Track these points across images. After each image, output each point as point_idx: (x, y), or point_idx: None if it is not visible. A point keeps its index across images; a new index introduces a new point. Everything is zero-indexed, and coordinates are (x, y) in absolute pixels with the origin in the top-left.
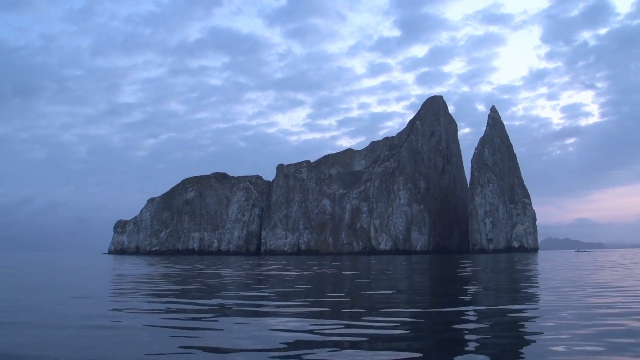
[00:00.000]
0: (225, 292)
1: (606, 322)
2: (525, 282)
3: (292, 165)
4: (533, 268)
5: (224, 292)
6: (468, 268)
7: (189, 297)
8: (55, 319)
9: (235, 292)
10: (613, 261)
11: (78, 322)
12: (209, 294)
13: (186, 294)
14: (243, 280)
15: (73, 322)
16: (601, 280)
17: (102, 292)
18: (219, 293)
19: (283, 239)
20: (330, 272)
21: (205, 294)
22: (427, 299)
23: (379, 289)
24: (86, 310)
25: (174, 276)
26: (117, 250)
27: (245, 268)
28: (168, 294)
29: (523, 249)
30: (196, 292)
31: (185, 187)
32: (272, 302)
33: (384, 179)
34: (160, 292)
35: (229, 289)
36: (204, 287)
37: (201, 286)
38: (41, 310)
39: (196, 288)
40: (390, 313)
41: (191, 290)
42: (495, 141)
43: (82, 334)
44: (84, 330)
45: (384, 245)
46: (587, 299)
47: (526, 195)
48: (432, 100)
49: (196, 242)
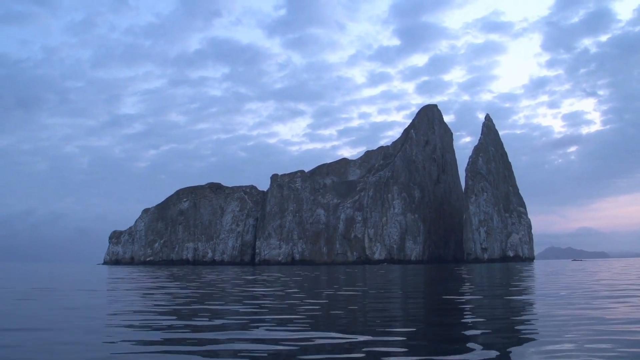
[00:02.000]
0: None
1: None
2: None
3: (287, 175)
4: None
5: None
6: (450, 282)
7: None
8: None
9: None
10: (594, 272)
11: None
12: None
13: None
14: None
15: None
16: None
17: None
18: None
19: (277, 249)
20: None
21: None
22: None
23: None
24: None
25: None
26: (112, 260)
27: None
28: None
29: (518, 258)
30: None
31: (180, 198)
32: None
33: (378, 188)
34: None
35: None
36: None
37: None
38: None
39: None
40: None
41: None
42: (489, 150)
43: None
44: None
45: (378, 255)
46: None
47: (521, 204)
48: (427, 109)
49: (190, 253)
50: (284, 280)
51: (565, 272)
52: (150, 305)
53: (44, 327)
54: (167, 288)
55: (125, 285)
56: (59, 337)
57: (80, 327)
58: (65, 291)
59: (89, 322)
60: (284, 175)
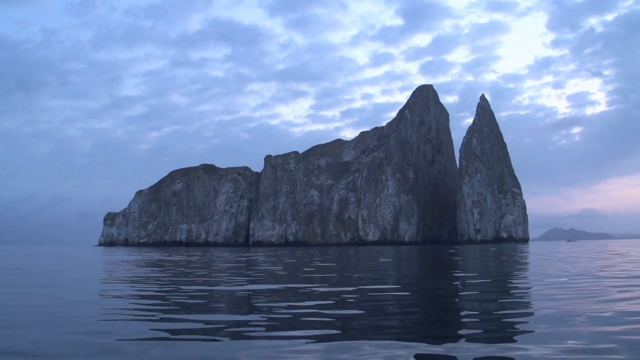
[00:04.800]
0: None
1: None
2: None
3: (280, 156)
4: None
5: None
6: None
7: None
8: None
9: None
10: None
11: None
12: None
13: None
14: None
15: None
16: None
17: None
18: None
19: (271, 230)
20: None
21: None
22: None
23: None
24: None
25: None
26: (107, 242)
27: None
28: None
29: (512, 239)
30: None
31: (173, 179)
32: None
33: (372, 169)
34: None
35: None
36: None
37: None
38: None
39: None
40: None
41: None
42: (484, 130)
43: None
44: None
45: (372, 236)
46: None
47: (516, 184)
48: (422, 89)
49: (184, 234)
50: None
51: (548, 255)
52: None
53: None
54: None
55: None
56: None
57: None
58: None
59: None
60: (278, 157)
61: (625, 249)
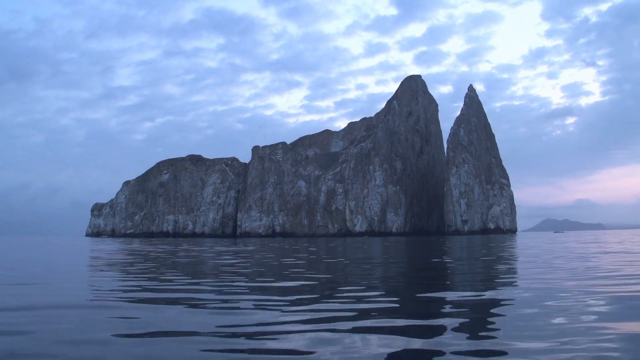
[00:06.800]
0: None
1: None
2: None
3: (268, 147)
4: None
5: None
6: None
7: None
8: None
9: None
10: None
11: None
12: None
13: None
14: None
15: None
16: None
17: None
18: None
19: (258, 221)
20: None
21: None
22: None
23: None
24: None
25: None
26: (94, 233)
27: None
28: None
29: (499, 230)
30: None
31: (160, 170)
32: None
33: (359, 160)
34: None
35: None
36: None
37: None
38: None
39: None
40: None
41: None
42: (471, 121)
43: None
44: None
45: (359, 227)
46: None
47: (504, 175)
48: (410, 79)
49: (170, 225)
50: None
51: (524, 247)
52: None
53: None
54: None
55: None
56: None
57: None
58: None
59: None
60: (265, 147)
61: (607, 242)
